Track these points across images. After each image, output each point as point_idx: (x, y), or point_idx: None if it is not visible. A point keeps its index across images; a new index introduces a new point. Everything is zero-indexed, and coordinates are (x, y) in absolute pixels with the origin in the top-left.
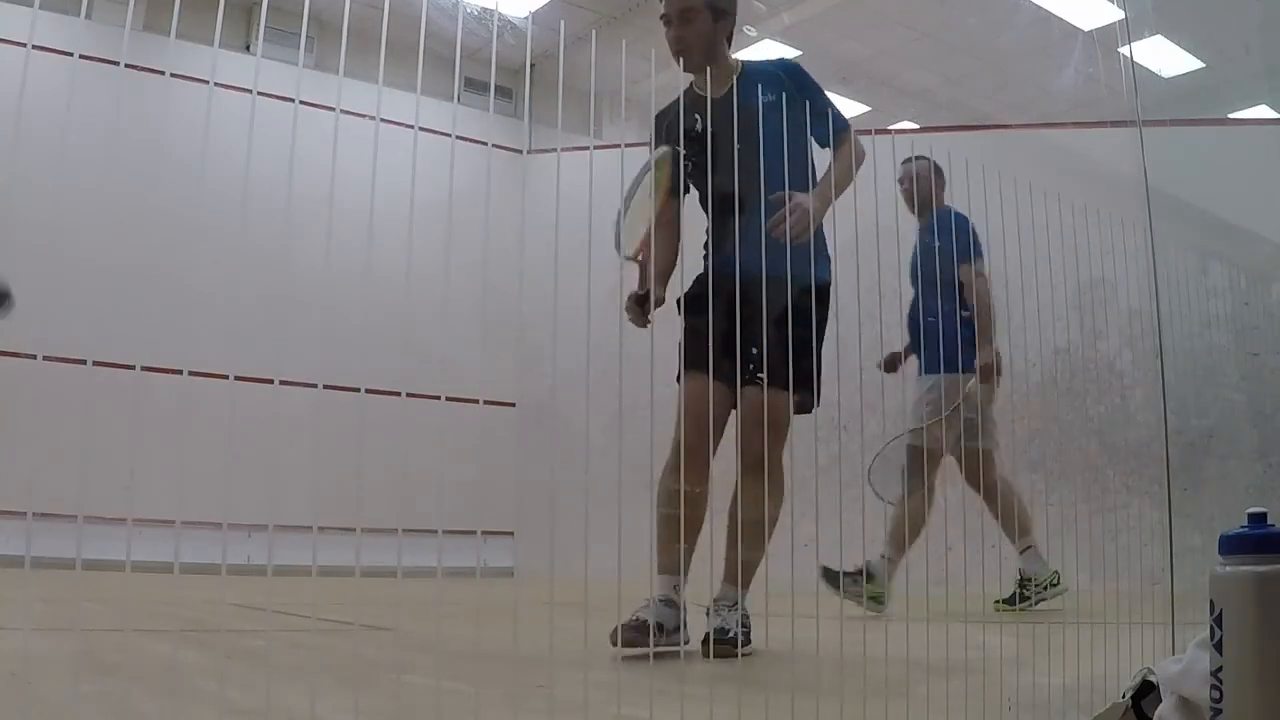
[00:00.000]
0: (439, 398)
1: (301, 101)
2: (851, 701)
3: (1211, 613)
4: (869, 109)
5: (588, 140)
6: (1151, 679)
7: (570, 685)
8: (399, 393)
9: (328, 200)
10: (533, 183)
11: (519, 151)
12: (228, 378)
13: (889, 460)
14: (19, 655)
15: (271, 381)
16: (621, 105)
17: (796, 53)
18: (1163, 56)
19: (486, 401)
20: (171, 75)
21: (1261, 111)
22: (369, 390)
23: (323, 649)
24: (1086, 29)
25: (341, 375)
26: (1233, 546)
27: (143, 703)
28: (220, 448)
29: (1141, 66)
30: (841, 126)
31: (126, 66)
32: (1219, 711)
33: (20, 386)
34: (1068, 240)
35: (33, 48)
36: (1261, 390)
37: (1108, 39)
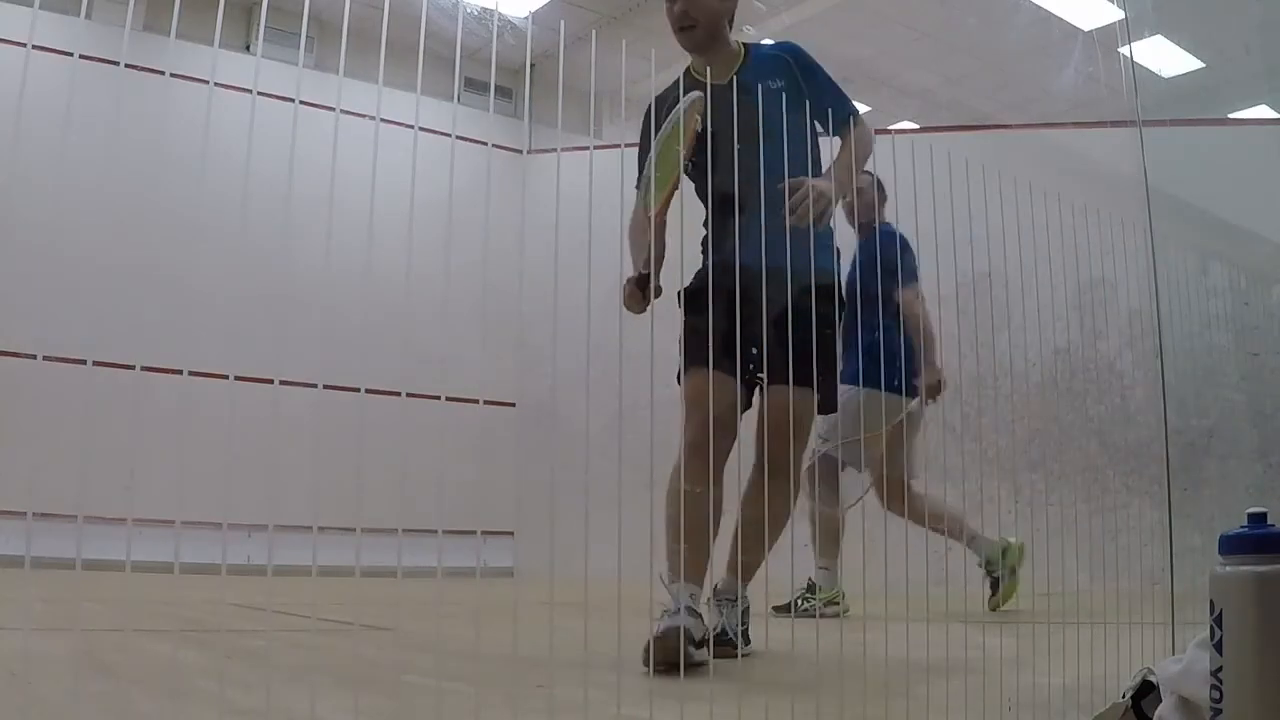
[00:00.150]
0: (439, 398)
1: (301, 101)
2: (851, 701)
3: (1211, 613)
4: (869, 109)
5: (588, 140)
6: (1151, 679)
7: (570, 685)
8: (399, 393)
9: (328, 200)
10: (533, 183)
11: (519, 151)
12: (228, 378)
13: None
14: (19, 655)
15: (271, 381)
16: (621, 105)
17: None
18: (1163, 56)
19: (486, 401)
20: (171, 75)
21: (1261, 111)
22: (369, 390)
23: (323, 649)
24: (1086, 29)
25: (341, 375)
26: (1233, 546)
27: (143, 703)
28: (220, 448)
29: (1141, 66)
30: (850, 112)
31: (126, 66)
32: (1219, 711)
33: (20, 386)
34: (1068, 240)
35: (33, 48)
36: (1261, 390)
37: (1108, 39)
